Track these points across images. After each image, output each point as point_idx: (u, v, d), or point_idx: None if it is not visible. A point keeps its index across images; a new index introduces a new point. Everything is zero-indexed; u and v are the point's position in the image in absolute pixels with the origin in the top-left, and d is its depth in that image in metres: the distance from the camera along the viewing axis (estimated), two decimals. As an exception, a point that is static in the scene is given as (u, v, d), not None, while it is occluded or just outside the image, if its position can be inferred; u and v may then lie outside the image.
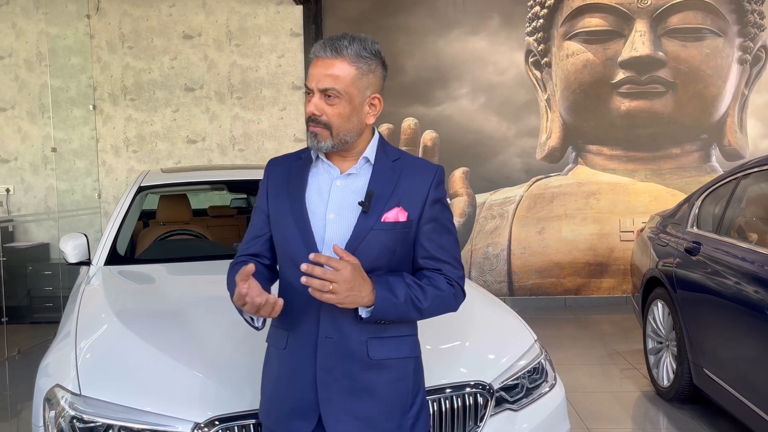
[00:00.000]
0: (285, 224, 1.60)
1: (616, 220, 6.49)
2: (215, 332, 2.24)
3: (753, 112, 6.42)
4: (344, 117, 1.54)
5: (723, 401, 3.31)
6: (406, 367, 1.62)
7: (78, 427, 1.92)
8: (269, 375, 1.67)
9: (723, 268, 3.29)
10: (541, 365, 2.40)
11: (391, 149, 1.66)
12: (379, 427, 1.57)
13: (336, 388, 1.56)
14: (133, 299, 2.71)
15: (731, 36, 6.34)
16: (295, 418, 1.59)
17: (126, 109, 6.67)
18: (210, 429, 1.85)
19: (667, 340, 3.98)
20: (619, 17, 6.34)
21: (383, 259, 1.56)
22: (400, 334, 1.61)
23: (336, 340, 1.56)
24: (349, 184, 1.60)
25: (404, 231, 1.57)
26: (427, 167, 1.63)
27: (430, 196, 1.59)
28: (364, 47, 1.56)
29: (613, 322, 5.92)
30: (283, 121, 6.62)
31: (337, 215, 1.57)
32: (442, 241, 1.61)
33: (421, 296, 1.54)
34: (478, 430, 2.09)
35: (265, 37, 6.57)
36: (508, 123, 6.52)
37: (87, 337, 2.25)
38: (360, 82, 1.55)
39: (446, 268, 1.61)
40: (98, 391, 1.95)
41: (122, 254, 3.23)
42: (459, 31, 6.50)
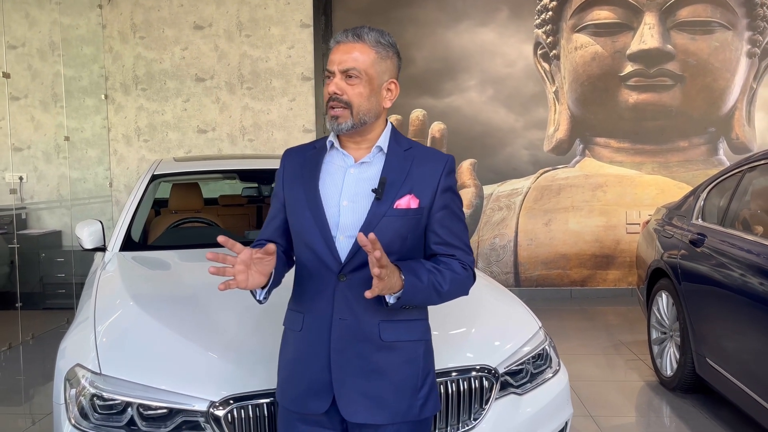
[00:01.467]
0: (300, 211, 1.67)
1: (622, 212, 6.52)
2: (229, 315, 2.31)
3: (761, 106, 6.43)
4: (364, 97, 1.61)
5: (725, 391, 3.36)
6: (416, 349, 1.67)
7: (98, 405, 2.00)
8: (285, 357, 1.74)
9: (727, 260, 3.34)
10: (545, 351, 2.46)
11: (403, 139, 1.72)
12: (390, 406, 1.63)
13: (349, 369, 1.62)
14: (148, 284, 2.78)
15: (740, 29, 6.34)
16: (310, 398, 1.65)
17: (137, 99, 6.74)
18: (225, 407, 1.93)
19: (671, 330, 4.03)
20: (628, 10, 6.36)
21: (395, 245, 1.61)
22: (411, 318, 1.67)
23: (349, 322, 1.62)
24: (363, 172, 1.66)
25: (416, 218, 1.63)
26: (438, 156, 1.68)
27: (441, 184, 1.65)
28: (382, 36, 1.65)
29: (618, 313, 5.97)
30: (293, 112, 6.68)
31: (351, 202, 1.62)
32: (454, 228, 1.67)
33: (441, 280, 1.60)
34: (484, 412, 2.15)
35: (275, 28, 6.62)
36: (516, 115, 6.56)
37: (105, 319, 2.33)
38: (379, 66, 1.63)
39: (459, 253, 1.67)
40: (117, 371, 2.03)
41: (136, 241, 3.30)
42: (468, 23, 6.53)
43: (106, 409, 1.99)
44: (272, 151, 6.74)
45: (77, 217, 6.59)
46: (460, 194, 1.75)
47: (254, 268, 1.56)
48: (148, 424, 1.96)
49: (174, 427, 1.96)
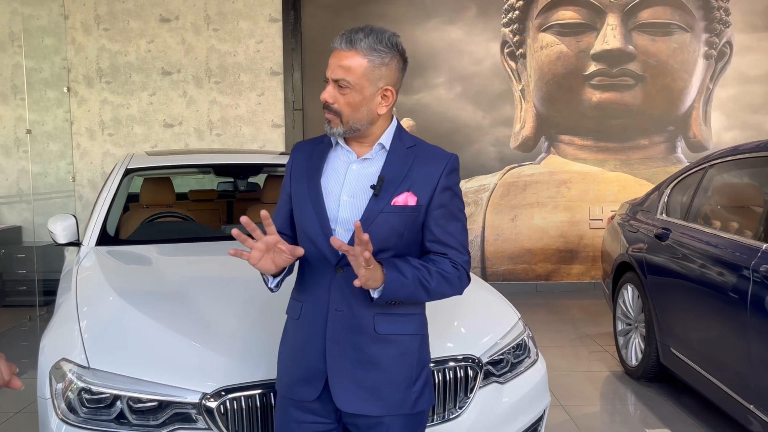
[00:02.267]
0: (303, 204, 1.70)
1: (585, 208, 6.70)
2: (217, 308, 2.32)
3: (717, 106, 6.68)
4: (354, 106, 1.62)
5: (688, 378, 3.51)
6: (411, 343, 1.70)
7: (86, 399, 1.99)
8: (285, 344, 1.77)
9: (690, 253, 3.48)
10: (524, 342, 2.54)
11: (408, 137, 1.73)
12: (384, 398, 1.66)
13: (343, 359, 1.65)
14: (130, 278, 2.76)
15: (698, 31, 6.57)
16: (302, 385, 1.69)
17: (101, 92, 6.61)
18: (217, 399, 1.94)
19: (636, 321, 4.17)
20: (592, 11, 6.52)
21: (392, 241, 1.64)
22: (407, 312, 1.69)
23: (345, 313, 1.65)
24: (364, 168, 1.68)
25: (413, 215, 1.65)
26: (441, 155, 1.70)
27: (441, 183, 1.66)
28: (380, 40, 1.62)
29: (581, 306, 6.13)
30: (261, 107, 6.65)
31: (351, 197, 1.65)
32: (449, 227, 1.68)
33: (428, 277, 1.61)
34: (468, 401, 2.21)
35: (243, 22, 6.57)
36: (484, 112, 6.66)
37: (90, 313, 2.31)
38: (371, 74, 1.61)
39: (452, 252, 1.67)
40: (106, 364, 2.02)
41: (112, 235, 3.26)
42: (436, 20, 6.60)
43: (94, 402, 1.99)
44: (240, 146, 6.70)
45: (39, 212, 6.44)
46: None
47: (271, 255, 1.58)
48: (138, 417, 1.96)
49: (165, 419, 1.96)
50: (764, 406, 2.80)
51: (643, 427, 3.50)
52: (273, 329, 2.19)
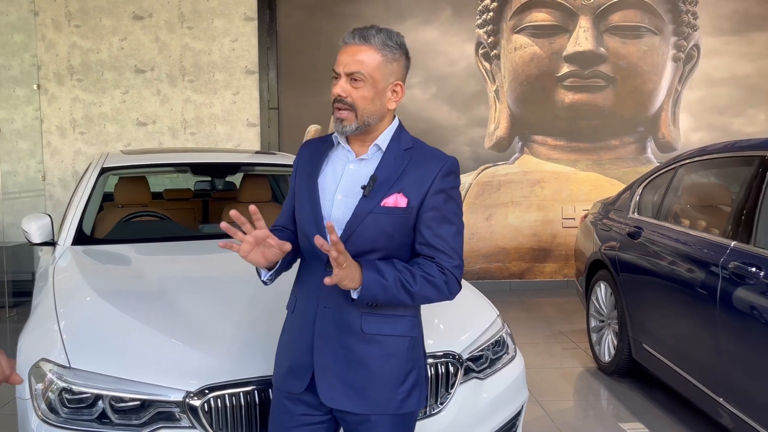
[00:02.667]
0: (302, 201, 1.73)
1: (558, 207, 6.80)
2: (198, 307, 2.32)
3: (685, 107, 6.84)
4: (368, 100, 1.64)
5: (659, 372, 3.60)
6: (398, 344, 1.69)
7: (67, 399, 1.97)
8: (282, 337, 1.81)
9: (662, 251, 3.57)
10: (502, 338, 2.58)
11: (407, 138, 1.72)
12: (368, 397, 1.67)
13: (330, 356, 1.67)
14: (109, 277, 2.74)
15: (667, 35, 6.72)
16: (290, 377, 1.72)
17: (72, 90, 6.51)
18: (201, 397, 1.94)
19: (609, 318, 4.26)
20: (565, 13, 6.62)
21: (380, 242, 1.64)
22: (395, 313, 1.68)
23: (333, 310, 1.67)
24: (361, 168, 1.70)
25: (403, 217, 1.64)
26: (438, 157, 1.69)
27: (435, 185, 1.65)
28: (390, 37, 1.66)
29: (555, 304, 6.22)
30: (236, 105, 6.62)
31: (345, 196, 1.67)
32: (440, 231, 1.65)
33: (410, 279, 1.60)
34: (449, 396, 2.25)
35: (218, 21, 6.53)
36: (459, 113, 6.72)
37: (69, 312, 2.29)
38: (384, 69, 1.64)
39: (440, 257, 1.65)
40: (88, 363, 2.01)
41: (88, 235, 3.23)
42: (412, 21, 6.63)
43: (75, 402, 1.97)
44: (215, 145, 6.66)
45: (8, 212, 6.32)
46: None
47: (261, 249, 1.59)
48: (120, 416, 1.95)
49: (148, 419, 1.95)
50: (733, 399, 2.88)
51: (616, 422, 3.58)
52: (256, 327, 2.20)
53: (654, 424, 3.52)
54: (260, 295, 2.55)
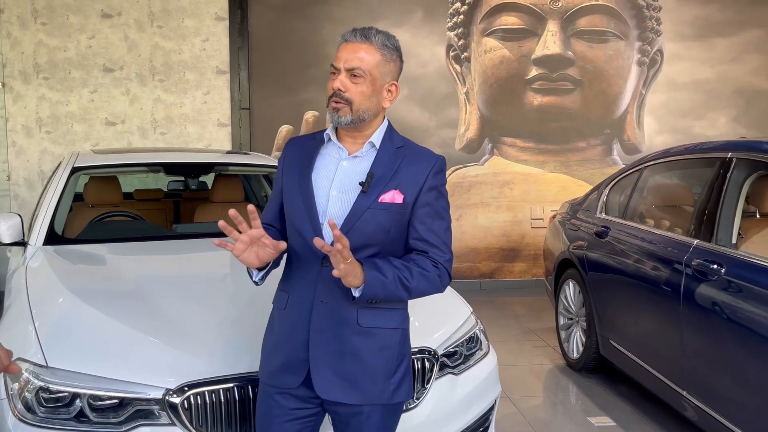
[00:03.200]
0: (293, 198, 1.74)
1: (527, 208, 6.92)
2: (175, 306, 2.32)
3: (649, 111, 7.02)
4: (365, 96, 1.68)
5: (626, 368, 3.70)
6: (392, 336, 1.75)
7: (44, 398, 1.97)
8: (270, 333, 1.82)
9: (628, 249, 3.67)
10: (476, 335, 2.64)
11: (398, 137, 1.79)
12: (362, 388, 1.72)
13: (326, 349, 1.70)
14: (84, 276, 2.72)
15: (632, 39, 6.89)
16: (285, 373, 1.73)
17: (39, 88, 6.40)
18: (180, 395, 1.95)
19: (578, 316, 4.36)
20: (533, 17, 6.74)
21: (378, 237, 1.69)
22: (390, 306, 1.74)
23: (330, 305, 1.70)
24: (355, 165, 1.74)
25: (399, 212, 1.70)
26: (429, 156, 1.76)
27: (428, 182, 1.72)
28: (389, 39, 1.72)
29: (524, 303, 6.33)
30: (207, 105, 6.58)
31: (340, 193, 1.71)
32: (433, 226, 1.73)
33: (407, 275, 1.66)
34: (425, 392, 2.30)
35: (189, 20, 6.49)
36: (430, 114, 6.79)
37: (44, 312, 2.27)
38: (382, 68, 1.70)
39: (433, 251, 1.72)
40: (65, 362, 2.00)
41: (60, 235, 3.20)
42: (383, 23, 6.68)
43: (52, 402, 1.97)
44: (185, 145, 6.61)
45: (-29, 212, 6.17)
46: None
47: (255, 249, 1.61)
48: (98, 415, 1.95)
49: (126, 417, 1.96)
50: (697, 392, 2.99)
51: (585, 416, 3.67)
52: (233, 325, 2.23)
53: (621, 418, 3.63)
54: (237, 294, 2.58)
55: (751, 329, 2.58)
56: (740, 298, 2.68)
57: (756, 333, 2.56)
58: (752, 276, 2.64)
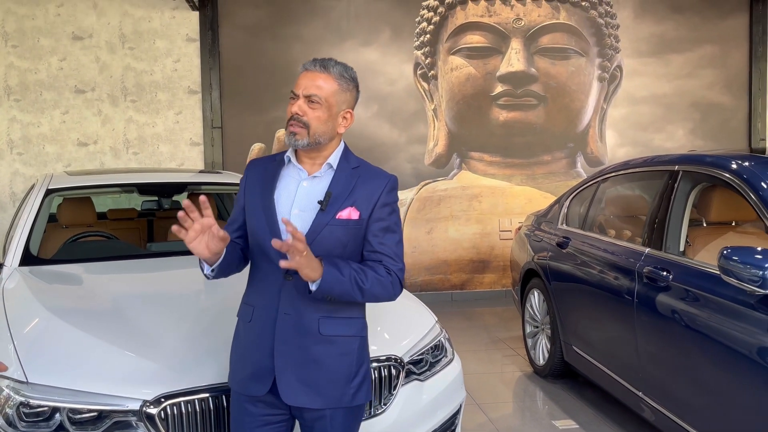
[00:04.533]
0: (257, 216, 1.87)
1: (495, 220, 7.10)
2: (150, 321, 2.42)
3: (610, 124, 7.27)
4: (321, 121, 1.83)
5: (589, 373, 3.86)
6: (351, 344, 1.89)
7: (24, 412, 2.05)
8: (236, 345, 1.94)
9: (588, 259, 3.85)
10: (441, 343, 2.77)
11: (353, 158, 1.94)
12: (325, 393, 1.84)
13: (290, 358, 1.83)
14: (61, 295, 2.79)
15: (592, 56, 7.15)
16: (253, 381, 1.85)
17: (9, 110, 6.43)
18: (157, 406, 2.05)
19: (542, 324, 4.52)
20: (497, 35, 6.97)
21: (336, 250, 1.83)
22: (349, 315, 1.89)
23: (293, 317, 1.83)
24: (314, 185, 1.88)
25: (356, 228, 1.85)
26: (382, 175, 1.92)
27: (381, 200, 1.87)
28: (346, 70, 1.87)
29: (494, 313, 6.49)
30: (179, 125, 6.66)
31: (301, 211, 1.85)
32: (386, 239, 1.88)
33: (363, 278, 1.80)
34: (392, 398, 2.42)
35: (160, 41, 6.59)
36: (399, 130, 6.96)
37: (22, 330, 2.35)
38: (339, 96, 1.85)
39: (387, 260, 1.86)
40: (45, 378, 2.08)
41: (35, 255, 3.26)
42: (352, 42, 6.85)
43: (33, 416, 2.04)
44: (158, 165, 6.68)
45: (-59, 235, 6.15)
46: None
47: (205, 239, 1.74)
48: (77, 427, 2.04)
49: (105, 429, 2.04)
50: (652, 394, 3.15)
51: (550, 420, 3.82)
52: (206, 338, 2.33)
53: (584, 421, 3.78)
54: (208, 308, 2.68)
55: (697, 331, 2.75)
56: (686, 302, 2.85)
57: (702, 335, 2.73)
58: (696, 281, 2.82)
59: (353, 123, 1.92)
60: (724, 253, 2.49)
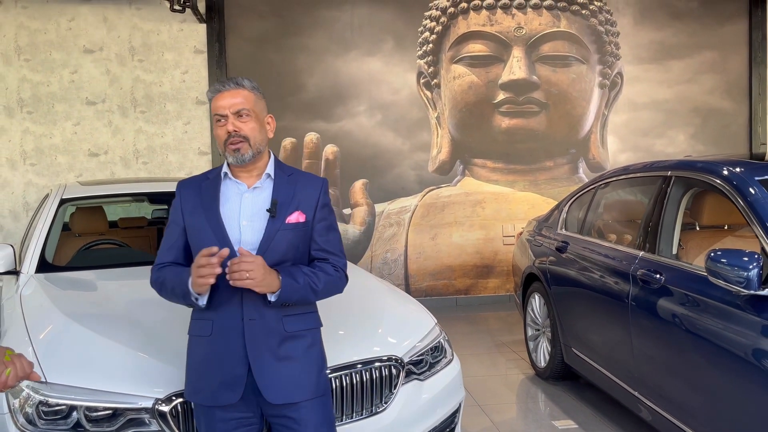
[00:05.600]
0: (204, 233, 1.96)
1: (499, 226, 7.20)
2: (161, 325, 2.54)
3: (612, 130, 7.37)
4: (256, 131, 1.97)
5: (588, 375, 3.95)
6: (315, 335, 2.05)
7: (43, 411, 2.17)
8: (194, 360, 2.01)
9: (586, 263, 3.94)
10: (440, 344, 2.88)
11: (285, 166, 2.09)
12: (302, 384, 1.97)
13: (264, 359, 1.93)
14: (76, 301, 2.92)
15: (593, 63, 7.25)
16: (223, 391, 1.93)
17: (23, 122, 6.60)
18: (168, 404, 2.17)
19: (543, 327, 4.61)
20: (499, 44, 7.08)
21: (290, 253, 1.98)
22: (306, 311, 2.03)
23: (257, 321, 1.94)
24: (256, 195, 2.00)
25: (304, 230, 2.00)
26: (316, 179, 2.08)
27: (320, 201, 2.04)
28: (252, 82, 2.02)
29: (498, 317, 6.57)
30: (188, 135, 6.81)
31: (249, 221, 1.96)
32: (330, 237, 2.05)
33: (316, 281, 1.97)
34: (392, 396, 2.52)
35: (168, 54, 6.74)
36: (403, 138, 7.08)
37: (40, 333, 2.47)
38: (258, 104, 2.01)
39: (332, 258, 2.04)
40: (63, 378, 2.21)
41: (50, 263, 3.39)
42: (356, 52, 6.98)
43: (51, 414, 2.17)
44: (167, 174, 6.82)
45: (-43, 244, 6.30)
46: (354, 212, 2.16)
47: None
48: (93, 425, 2.16)
49: (119, 426, 2.17)
50: (648, 394, 3.24)
51: (551, 421, 3.90)
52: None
53: (583, 421, 3.86)
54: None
55: (688, 331, 2.84)
56: (677, 303, 2.95)
57: (692, 335, 2.82)
58: (686, 283, 2.91)
59: (358, 128, 2.07)
60: (711, 256, 2.58)
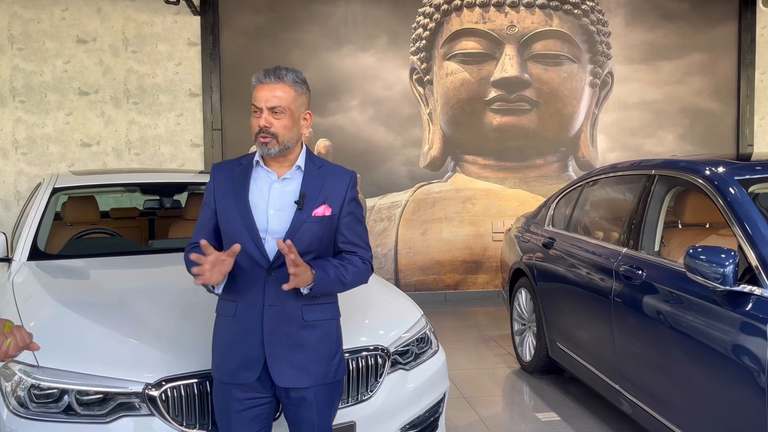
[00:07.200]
0: (232, 218, 2.02)
1: (489, 222, 7.27)
2: (152, 311, 2.58)
3: (601, 129, 7.44)
4: (287, 128, 2.00)
5: (571, 368, 4.02)
6: (330, 326, 2.10)
7: (35, 394, 2.21)
8: (219, 338, 2.09)
9: (572, 259, 4.01)
10: (426, 335, 2.94)
11: (316, 158, 2.13)
12: (312, 372, 2.04)
13: (279, 345, 2.00)
14: (67, 288, 2.96)
15: (584, 63, 7.32)
16: (243, 370, 2.02)
17: (15, 111, 6.60)
18: (158, 388, 2.21)
19: (529, 321, 4.68)
20: (491, 42, 7.14)
21: (314, 245, 2.02)
22: (326, 302, 2.08)
23: (278, 307, 2.00)
24: (285, 186, 2.05)
25: (330, 223, 2.05)
26: (345, 172, 2.11)
27: (348, 195, 2.08)
28: (297, 75, 2.04)
29: (486, 313, 6.65)
30: (180, 127, 6.83)
31: (277, 211, 2.02)
32: (357, 230, 2.10)
33: (345, 273, 2.02)
34: (378, 385, 2.58)
35: (162, 45, 6.76)
36: (395, 134, 7.13)
37: (33, 319, 2.51)
38: (297, 101, 2.02)
39: (360, 250, 2.10)
40: (54, 362, 2.25)
41: (43, 251, 3.42)
42: (350, 47, 7.02)
43: (43, 398, 2.21)
44: (159, 165, 6.84)
45: (-52, 232, 6.31)
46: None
47: (218, 268, 1.90)
48: (84, 408, 2.20)
49: (110, 410, 2.21)
50: (629, 388, 3.31)
51: (535, 413, 3.98)
52: (201, 327, 2.49)
53: (566, 413, 3.94)
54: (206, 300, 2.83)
55: (667, 326, 2.92)
56: (657, 299, 3.02)
57: (671, 329, 2.89)
58: (666, 279, 2.98)
59: (350, 123, 2.12)
60: (690, 252, 2.65)
